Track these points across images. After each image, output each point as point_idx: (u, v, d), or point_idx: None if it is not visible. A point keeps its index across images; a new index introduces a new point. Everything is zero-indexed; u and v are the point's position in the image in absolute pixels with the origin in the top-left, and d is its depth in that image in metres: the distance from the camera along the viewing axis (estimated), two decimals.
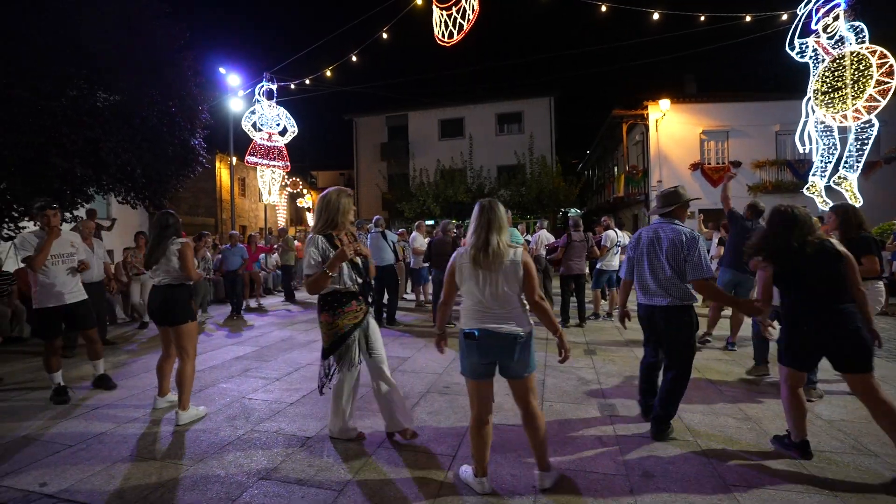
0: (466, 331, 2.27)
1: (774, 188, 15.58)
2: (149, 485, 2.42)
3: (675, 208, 3.01)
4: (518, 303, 2.25)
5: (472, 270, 2.25)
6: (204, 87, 8.86)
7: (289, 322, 7.40)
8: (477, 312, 2.25)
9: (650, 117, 16.60)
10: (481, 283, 2.23)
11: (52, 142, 6.21)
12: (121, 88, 7.04)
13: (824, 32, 7.76)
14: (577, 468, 2.55)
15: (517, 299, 2.25)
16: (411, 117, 23.40)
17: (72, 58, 6.34)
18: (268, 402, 3.70)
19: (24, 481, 2.47)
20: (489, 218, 2.24)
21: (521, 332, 2.21)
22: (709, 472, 2.49)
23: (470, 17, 7.11)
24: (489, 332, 2.21)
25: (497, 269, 2.20)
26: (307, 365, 4.78)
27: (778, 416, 3.20)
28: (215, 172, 20.85)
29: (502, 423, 3.13)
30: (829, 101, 7.65)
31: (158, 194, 8.32)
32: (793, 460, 2.60)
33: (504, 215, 2.30)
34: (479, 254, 2.21)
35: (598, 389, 3.88)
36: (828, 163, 8.20)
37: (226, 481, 2.45)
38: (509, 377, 2.30)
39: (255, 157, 14.24)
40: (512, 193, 19.34)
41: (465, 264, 2.28)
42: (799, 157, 14.93)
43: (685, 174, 16.43)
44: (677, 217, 3.03)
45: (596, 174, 27.62)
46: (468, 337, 2.26)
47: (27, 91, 5.80)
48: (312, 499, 2.28)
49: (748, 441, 2.88)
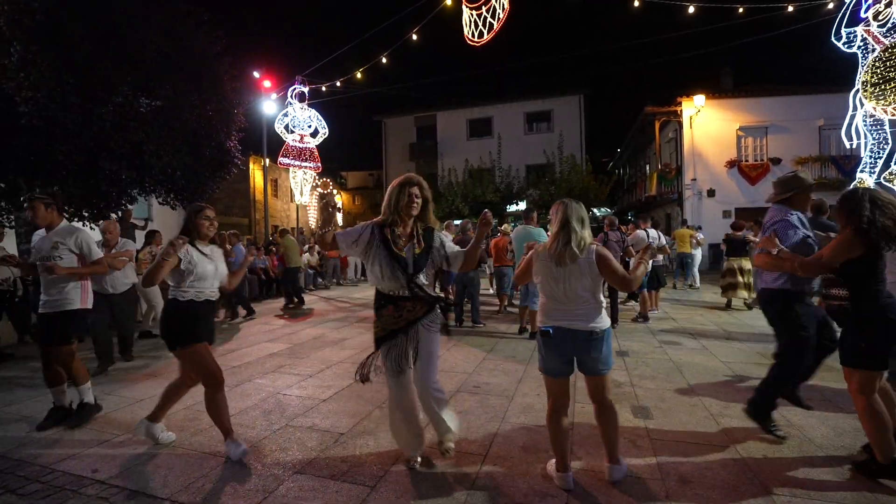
0: (542, 329, 2.32)
1: (818, 186, 14.75)
2: (190, 474, 2.52)
3: (793, 195, 2.79)
4: (593, 299, 2.27)
5: (551, 267, 2.28)
6: (239, 91, 9.15)
7: (320, 320, 7.56)
8: (552, 310, 2.30)
9: (684, 113, 16.11)
10: (558, 279, 2.26)
11: (101, 146, 6.56)
12: (162, 94, 7.35)
13: (875, 20, 7.35)
14: None
15: (593, 296, 2.26)
16: (440, 117, 23.50)
17: (119, 66, 6.67)
18: (302, 398, 3.79)
19: (77, 467, 2.63)
20: (570, 215, 2.27)
21: (596, 329, 2.22)
22: (748, 479, 2.40)
23: (500, 16, 7.08)
24: (564, 330, 2.25)
25: (574, 266, 2.24)
26: (339, 363, 4.87)
27: (823, 424, 3.04)
28: (249, 174, 21.52)
29: (532, 424, 3.11)
30: (880, 94, 7.23)
31: (196, 195, 8.65)
32: (839, 468, 2.47)
33: (586, 213, 2.34)
34: (560, 250, 2.24)
35: (631, 392, 3.80)
36: (878, 158, 7.76)
37: (262, 474, 2.53)
38: (586, 373, 2.32)
39: (287, 158, 14.62)
40: (541, 193, 19.15)
41: (545, 261, 2.32)
42: (845, 153, 14.19)
43: (721, 172, 15.87)
44: (797, 206, 2.79)
45: (627, 173, 27.02)
46: (544, 335, 2.31)
47: (80, 98, 6.13)
48: (346, 493, 2.32)
49: (790, 448, 2.75)
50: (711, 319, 6.94)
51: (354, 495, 2.30)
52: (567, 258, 2.22)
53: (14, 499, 2.33)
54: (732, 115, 15.87)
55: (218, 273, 2.83)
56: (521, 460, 2.64)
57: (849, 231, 2.31)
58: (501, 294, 7.91)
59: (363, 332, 6.48)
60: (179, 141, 7.51)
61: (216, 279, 2.82)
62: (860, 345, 2.33)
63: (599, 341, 2.23)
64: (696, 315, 7.30)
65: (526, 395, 3.68)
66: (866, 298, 2.33)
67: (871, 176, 7.90)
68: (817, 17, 9.48)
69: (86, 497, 2.33)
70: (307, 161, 15.10)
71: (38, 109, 5.82)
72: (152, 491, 2.36)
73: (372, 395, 3.78)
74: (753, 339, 5.61)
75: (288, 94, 14.48)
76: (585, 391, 2.42)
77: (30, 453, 2.82)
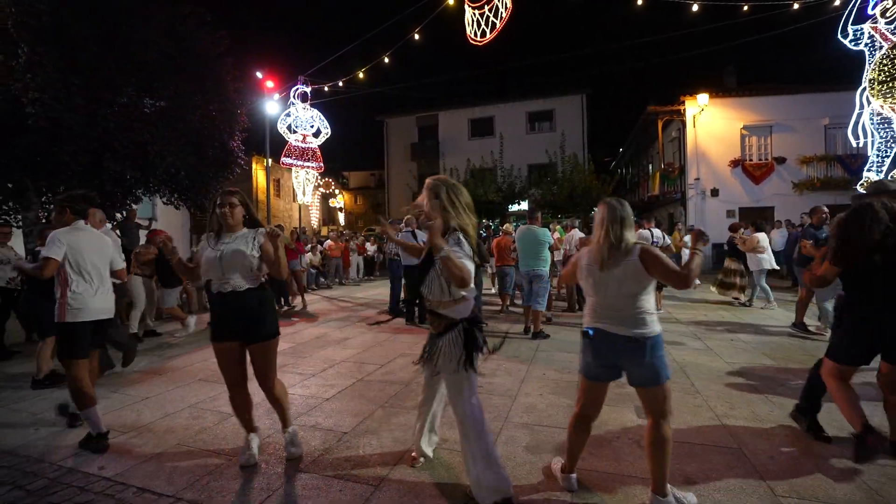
0: (584, 329, 2.25)
1: (823, 185, 14.74)
2: (195, 472, 2.54)
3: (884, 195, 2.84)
4: (638, 304, 2.09)
5: (594, 270, 2.18)
6: (242, 92, 9.19)
7: (323, 320, 7.57)
8: (595, 311, 2.20)
9: (687, 112, 16.03)
10: (600, 282, 2.16)
11: (105, 147, 6.60)
12: (166, 95, 7.39)
13: (882, 17, 7.31)
14: (615, 472, 2.50)
15: (636, 301, 2.10)
16: (441, 117, 23.49)
17: (123, 66, 6.70)
18: (304, 397, 3.80)
19: (84, 464, 2.65)
20: (610, 216, 2.15)
21: (639, 336, 2.06)
22: (754, 481, 2.38)
23: (503, 15, 7.07)
24: (604, 333, 2.14)
25: (616, 270, 2.11)
26: (341, 362, 4.88)
27: (827, 416, 3.03)
28: (252, 174, 21.58)
29: (535, 424, 3.11)
30: (888, 91, 7.20)
31: (200, 195, 8.70)
32: (844, 461, 2.46)
33: (629, 213, 2.19)
34: (601, 253, 2.14)
35: (634, 392, 3.78)
36: (885, 157, 7.72)
37: (267, 472, 2.54)
38: (633, 384, 2.16)
39: (290, 158, 14.66)
40: (543, 192, 19.11)
41: (588, 263, 2.21)
42: (851, 152, 14.10)
43: (724, 171, 15.79)
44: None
45: (629, 172, 26.93)
46: (584, 335, 2.23)
47: (84, 99, 6.17)
48: (350, 492, 2.33)
49: (798, 449, 2.73)
50: (715, 319, 6.92)
51: (358, 494, 2.31)
52: (609, 261, 2.11)
53: (22, 494, 2.35)
54: (736, 114, 15.78)
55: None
56: (524, 460, 2.64)
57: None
58: (504, 294, 7.91)
59: (365, 331, 6.49)
60: (183, 141, 7.55)
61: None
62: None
63: (642, 349, 2.05)
64: (700, 315, 7.27)
65: (529, 395, 3.68)
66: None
67: (879, 175, 7.86)
68: (823, 15, 9.42)
69: (93, 494, 2.35)
70: (309, 161, 15.14)
71: (45, 110, 5.86)
72: (158, 488, 2.38)
73: (375, 395, 3.79)
74: (757, 339, 5.59)
75: (290, 94, 14.52)
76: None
77: (37, 450, 2.85)
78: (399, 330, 6.51)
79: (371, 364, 4.76)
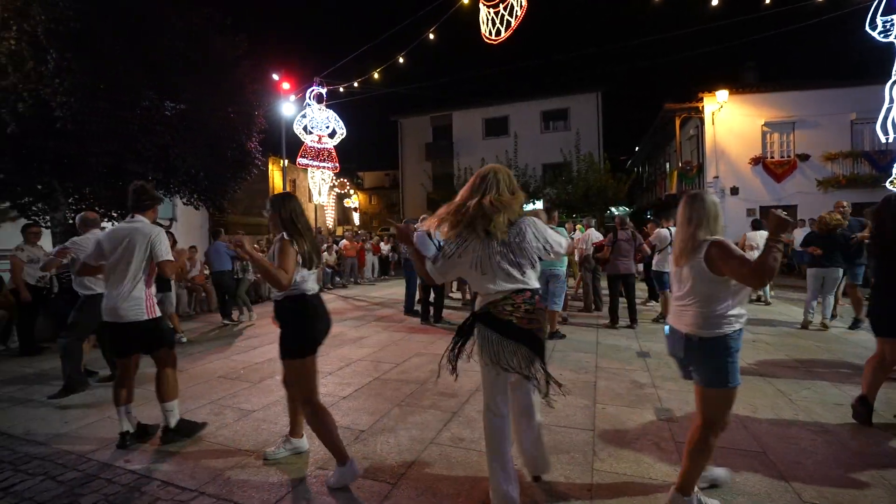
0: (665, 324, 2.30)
1: (849, 182, 14.31)
2: (216, 468, 2.59)
3: None
4: (702, 303, 2.02)
5: (672, 268, 2.23)
6: (259, 94, 9.31)
7: (339, 319, 7.64)
8: (673, 307, 2.23)
9: (706, 109, 15.71)
10: (674, 279, 2.22)
11: (128, 149, 6.76)
12: (185, 97, 7.53)
13: None
14: (636, 474, 2.47)
15: (701, 299, 2.02)
16: (455, 117, 23.49)
17: (144, 70, 6.86)
18: (322, 395, 3.80)
19: (111, 458, 2.73)
20: (684, 212, 2.14)
21: (694, 336, 2.02)
22: (780, 485, 2.33)
23: (518, 14, 7.03)
24: (672, 329, 2.20)
25: (687, 267, 2.09)
26: (358, 360, 4.92)
27: (862, 433, 2.94)
28: (269, 175, 21.88)
29: (552, 424, 3.09)
30: None
31: (219, 196, 8.84)
32: (876, 472, 2.38)
33: (706, 208, 2.08)
34: (676, 250, 2.17)
35: (654, 393, 3.73)
36: None
37: (286, 468, 2.58)
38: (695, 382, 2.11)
39: (305, 159, 14.81)
40: (558, 192, 18.97)
41: (667, 262, 2.29)
42: (879, 148, 13.67)
43: (745, 169, 15.45)
44: None
45: (646, 171, 26.53)
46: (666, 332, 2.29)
47: (108, 103, 6.33)
48: (368, 490, 2.35)
49: (823, 452, 2.67)
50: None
51: (376, 492, 2.32)
52: (681, 258, 2.11)
53: (54, 485, 2.43)
54: (757, 111, 15.42)
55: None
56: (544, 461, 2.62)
57: None
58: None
59: (380, 330, 6.53)
60: (202, 143, 7.68)
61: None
62: None
63: (697, 349, 2.01)
64: None
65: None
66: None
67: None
68: (848, 7, 9.14)
69: (119, 486, 2.41)
70: (325, 161, 15.26)
71: (73, 114, 6.02)
72: (181, 482, 2.43)
73: (391, 394, 3.81)
74: (777, 339, 5.46)
75: (306, 96, 14.66)
76: (605, 391, 2.38)
77: (68, 443, 2.94)
78: (414, 329, 6.53)
79: (387, 363, 4.79)
